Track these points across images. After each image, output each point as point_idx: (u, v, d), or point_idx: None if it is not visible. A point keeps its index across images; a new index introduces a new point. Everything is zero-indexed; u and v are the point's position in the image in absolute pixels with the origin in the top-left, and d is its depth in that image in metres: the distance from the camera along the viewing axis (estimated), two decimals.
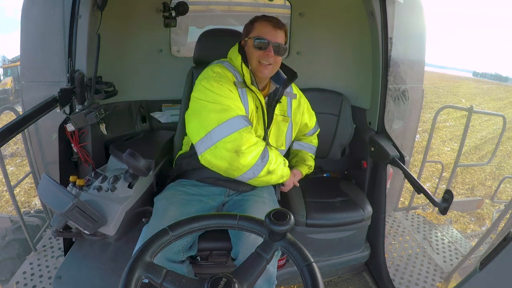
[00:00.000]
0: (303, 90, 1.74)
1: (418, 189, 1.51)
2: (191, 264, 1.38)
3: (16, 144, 6.41)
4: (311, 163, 1.68)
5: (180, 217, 0.81)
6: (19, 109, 2.18)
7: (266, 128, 1.38)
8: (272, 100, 1.39)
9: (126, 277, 0.66)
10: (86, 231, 1.24)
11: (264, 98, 1.39)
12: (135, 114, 2.04)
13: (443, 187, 3.96)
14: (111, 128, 1.86)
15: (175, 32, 2.16)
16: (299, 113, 1.56)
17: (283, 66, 1.45)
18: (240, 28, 1.45)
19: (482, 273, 0.64)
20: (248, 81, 1.30)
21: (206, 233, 1.37)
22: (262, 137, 1.37)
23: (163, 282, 0.67)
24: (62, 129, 1.61)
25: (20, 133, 1.65)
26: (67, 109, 1.58)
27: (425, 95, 2.46)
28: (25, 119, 1.29)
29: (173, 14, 1.81)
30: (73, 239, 1.75)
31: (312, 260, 0.70)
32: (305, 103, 1.62)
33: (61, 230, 1.29)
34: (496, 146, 2.91)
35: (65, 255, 1.70)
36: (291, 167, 1.59)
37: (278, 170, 1.31)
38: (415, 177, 1.54)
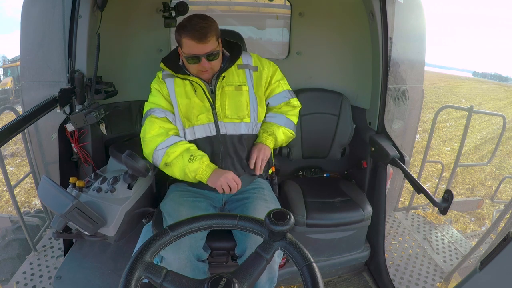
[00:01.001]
0: (303, 90, 1.73)
1: (418, 189, 1.51)
2: None
3: (16, 144, 6.41)
4: (269, 128, 1.52)
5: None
6: (19, 109, 2.18)
7: (212, 103, 1.40)
8: (217, 77, 1.42)
9: (126, 277, 0.66)
10: (86, 232, 1.24)
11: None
12: (135, 114, 2.04)
13: (443, 187, 3.96)
14: (111, 128, 1.87)
15: None
16: (261, 86, 1.48)
17: (227, 43, 1.45)
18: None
19: (482, 273, 0.64)
20: (172, 72, 1.40)
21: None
22: (210, 112, 1.40)
23: (163, 282, 0.67)
24: (62, 129, 1.62)
25: (20, 133, 1.65)
26: (67, 109, 1.58)
27: (425, 95, 2.46)
28: (25, 119, 1.29)
29: (173, 14, 1.81)
30: (73, 240, 1.76)
31: (312, 260, 0.70)
32: (268, 74, 1.51)
33: (61, 231, 1.29)
34: (496, 146, 2.91)
35: (65, 255, 1.71)
36: None
37: (178, 165, 1.32)
38: (415, 177, 1.54)
